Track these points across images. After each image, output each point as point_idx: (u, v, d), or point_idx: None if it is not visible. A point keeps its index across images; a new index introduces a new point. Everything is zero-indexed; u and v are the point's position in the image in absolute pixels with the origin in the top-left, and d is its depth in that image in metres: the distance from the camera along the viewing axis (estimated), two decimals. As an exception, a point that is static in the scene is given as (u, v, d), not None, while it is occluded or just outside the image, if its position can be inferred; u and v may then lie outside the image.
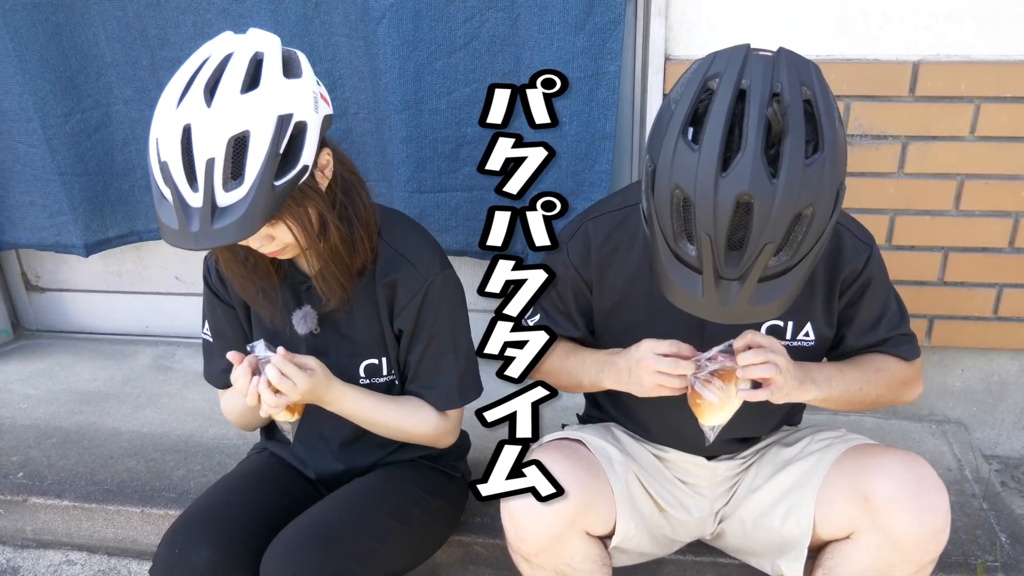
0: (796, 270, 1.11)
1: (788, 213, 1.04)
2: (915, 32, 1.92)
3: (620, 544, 1.46)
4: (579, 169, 2.13)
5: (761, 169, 1.03)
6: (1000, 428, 2.31)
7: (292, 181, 1.23)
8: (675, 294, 1.16)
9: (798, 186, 1.03)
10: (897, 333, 1.49)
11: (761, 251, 1.07)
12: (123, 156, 2.49)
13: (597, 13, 1.96)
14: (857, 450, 1.41)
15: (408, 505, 1.54)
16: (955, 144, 2.00)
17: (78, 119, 2.41)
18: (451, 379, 1.53)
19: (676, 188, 1.08)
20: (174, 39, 2.23)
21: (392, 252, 1.49)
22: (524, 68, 2.06)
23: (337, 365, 1.54)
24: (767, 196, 1.03)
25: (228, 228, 1.19)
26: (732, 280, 1.10)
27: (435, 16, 2.04)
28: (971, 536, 1.79)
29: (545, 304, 1.55)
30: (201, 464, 2.11)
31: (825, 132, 1.05)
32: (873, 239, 1.45)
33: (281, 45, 1.26)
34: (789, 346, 1.45)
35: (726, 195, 1.04)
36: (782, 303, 1.13)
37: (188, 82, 1.21)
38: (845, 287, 1.44)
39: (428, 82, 2.11)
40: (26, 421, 2.36)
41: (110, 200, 2.54)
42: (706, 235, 1.07)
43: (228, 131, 1.17)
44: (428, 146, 2.18)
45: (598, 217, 1.49)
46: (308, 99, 1.25)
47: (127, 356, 2.76)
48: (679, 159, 1.08)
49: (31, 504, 2.02)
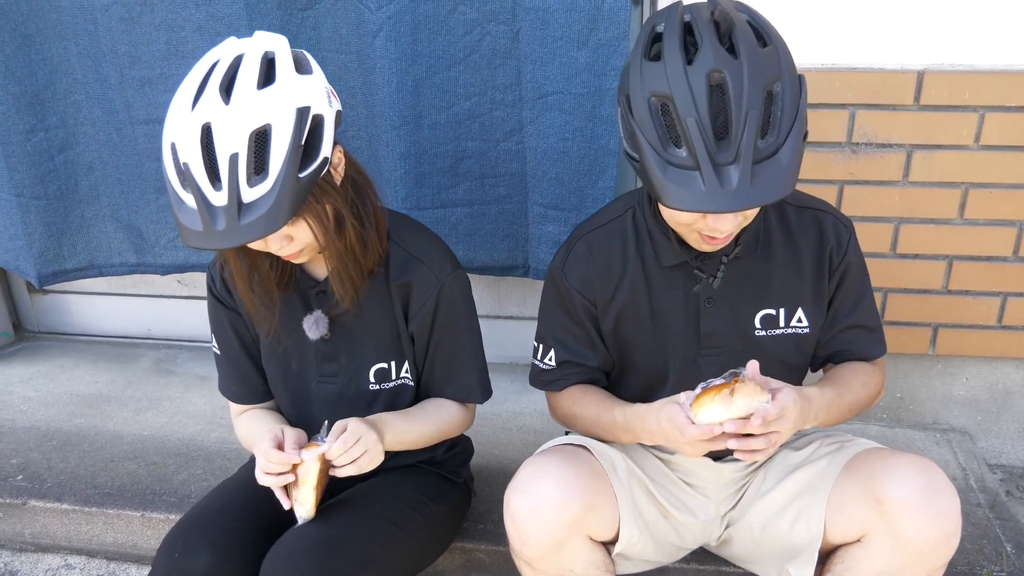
0: (785, 147, 1.14)
1: (758, 87, 1.12)
2: (920, 41, 1.93)
3: (624, 551, 1.45)
4: (582, 185, 2.10)
5: (723, 52, 1.14)
6: (1005, 437, 2.30)
7: (315, 173, 1.23)
8: (677, 198, 1.16)
9: (760, 62, 1.13)
10: (872, 322, 1.52)
11: (745, 127, 1.11)
12: (88, 181, 2.37)
13: (600, 28, 1.92)
14: (868, 454, 1.40)
15: (409, 510, 1.54)
16: (960, 153, 2.00)
17: (41, 138, 2.28)
18: (471, 375, 1.59)
19: (652, 96, 1.16)
20: (145, 57, 2.14)
21: (405, 254, 1.50)
22: (525, 82, 2.03)
23: (347, 371, 1.54)
24: (735, 70, 1.12)
25: (256, 223, 1.19)
26: (728, 165, 1.13)
27: (434, 29, 2.01)
28: (976, 546, 1.78)
29: (561, 337, 1.53)
30: (202, 468, 2.10)
31: (768, 30, 1.18)
32: (852, 225, 1.48)
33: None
34: (784, 334, 1.47)
35: (697, 78, 1.12)
36: (783, 181, 1.15)
37: (201, 84, 1.21)
38: (833, 268, 1.46)
39: (427, 96, 2.07)
40: (26, 423, 2.35)
41: (70, 228, 2.41)
42: (691, 120, 1.12)
43: (249, 125, 1.17)
44: (427, 161, 2.15)
45: (588, 234, 1.50)
46: (322, 93, 1.26)
47: (129, 359, 2.75)
48: (647, 73, 1.17)
49: (30, 507, 2.01)
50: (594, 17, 1.91)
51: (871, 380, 1.50)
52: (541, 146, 2.07)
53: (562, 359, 1.53)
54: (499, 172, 2.18)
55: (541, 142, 2.07)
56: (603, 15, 1.91)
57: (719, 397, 1.23)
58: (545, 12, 1.93)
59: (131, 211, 2.39)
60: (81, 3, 2.13)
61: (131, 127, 2.25)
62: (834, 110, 1.99)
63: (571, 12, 1.91)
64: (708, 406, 1.24)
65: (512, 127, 2.11)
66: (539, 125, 2.05)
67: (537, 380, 1.60)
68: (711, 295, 1.44)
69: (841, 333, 1.51)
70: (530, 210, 2.18)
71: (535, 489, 1.32)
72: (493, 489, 1.95)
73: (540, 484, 1.33)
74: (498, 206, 2.22)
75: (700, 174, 1.13)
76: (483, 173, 2.18)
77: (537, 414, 2.34)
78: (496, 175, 2.18)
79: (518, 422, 2.30)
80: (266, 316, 1.49)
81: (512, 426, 2.28)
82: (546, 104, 2.03)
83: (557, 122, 2.03)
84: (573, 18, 1.92)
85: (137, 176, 2.32)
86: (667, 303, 1.46)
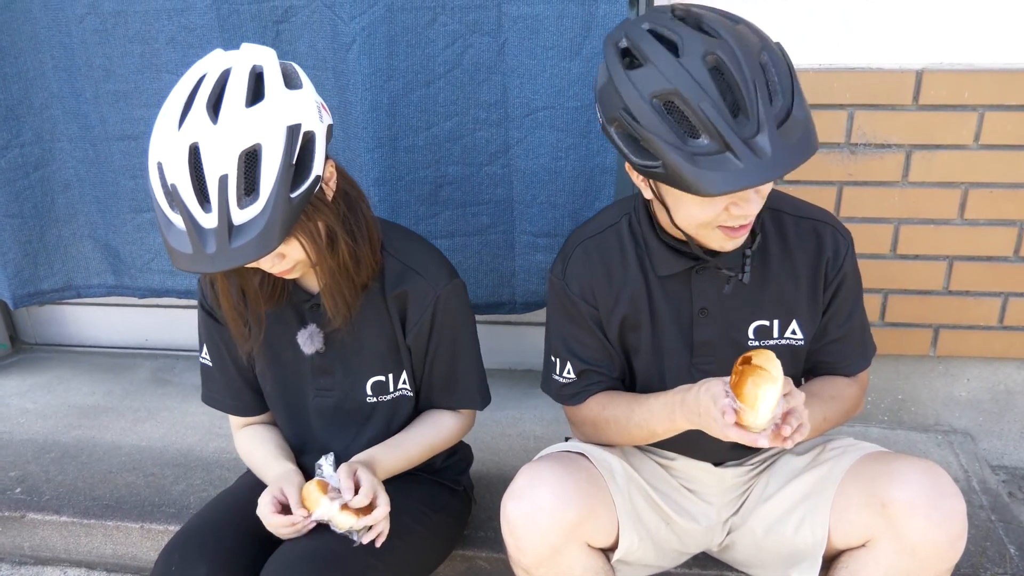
0: (796, 105, 1.15)
1: (752, 58, 1.14)
2: (918, 40, 1.92)
3: (624, 557, 1.44)
4: (578, 207, 1.98)
5: (706, 37, 1.15)
6: (1007, 438, 2.29)
7: (307, 192, 1.21)
8: (717, 183, 1.14)
9: (741, 37, 1.15)
10: (858, 337, 1.52)
11: (757, 96, 1.12)
12: (64, 200, 2.30)
13: (595, 36, 1.81)
14: (872, 457, 1.39)
15: (408, 520, 1.52)
16: (959, 153, 1.99)
17: (16, 154, 2.20)
18: (470, 383, 1.59)
19: (653, 97, 1.15)
20: (120, 70, 2.07)
21: (400, 265, 1.48)
22: (512, 98, 1.90)
23: (343, 385, 1.53)
24: (726, 49, 1.13)
25: (247, 246, 1.16)
26: (754, 137, 1.12)
27: (411, 41, 1.87)
28: (980, 548, 1.77)
29: (574, 348, 1.50)
30: (201, 478, 2.09)
31: (732, 15, 1.21)
32: (851, 237, 1.47)
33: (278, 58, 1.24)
34: (777, 345, 1.45)
35: (694, 65, 1.13)
36: (809, 135, 1.16)
37: (187, 101, 1.18)
38: (828, 280, 1.44)
39: (403, 116, 1.93)
40: (24, 435, 2.34)
41: (46, 248, 2.34)
42: (706, 104, 1.12)
43: (238, 146, 1.14)
44: (403, 188, 2.00)
45: (585, 241, 1.48)
46: (312, 109, 1.23)
47: (126, 369, 2.74)
48: (638, 80, 1.17)
49: (29, 520, 2.00)
50: (588, 24, 1.81)
51: (846, 393, 1.50)
52: (530, 168, 1.96)
53: (580, 369, 1.50)
54: (482, 199, 2.03)
55: (530, 163, 1.96)
56: (597, 21, 1.81)
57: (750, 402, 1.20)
58: (534, 21, 1.83)
59: (108, 230, 2.32)
60: (56, 15, 2.07)
61: (107, 143, 2.18)
62: (832, 111, 1.98)
63: (562, 19, 1.81)
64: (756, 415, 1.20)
65: (497, 148, 1.97)
66: (528, 145, 1.94)
67: (559, 395, 1.56)
68: (705, 304, 1.43)
69: (826, 346, 1.50)
70: (517, 240, 2.06)
71: (531, 496, 1.31)
72: (493, 496, 1.94)
73: (536, 491, 1.31)
74: (481, 237, 2.08)
75: (732, 153, 1.12)
76: (465, 201, 2.04)
77: (537, 420, 2.32)
78: (479, 202, 2.04)
79: (518, 428, 2.29)
80: (249, 334, 1.47)
81: (512, 432, 2.27)
82: (535, 121, 1.92)
83: (548, 140, 1.92)
84: (565, 26, 1.82)
85: (113, 195, 2.25)
86: (663, 312, 1.45)
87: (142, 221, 2.27)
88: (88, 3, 2.03)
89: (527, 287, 2.12)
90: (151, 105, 2.10)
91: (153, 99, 2.10)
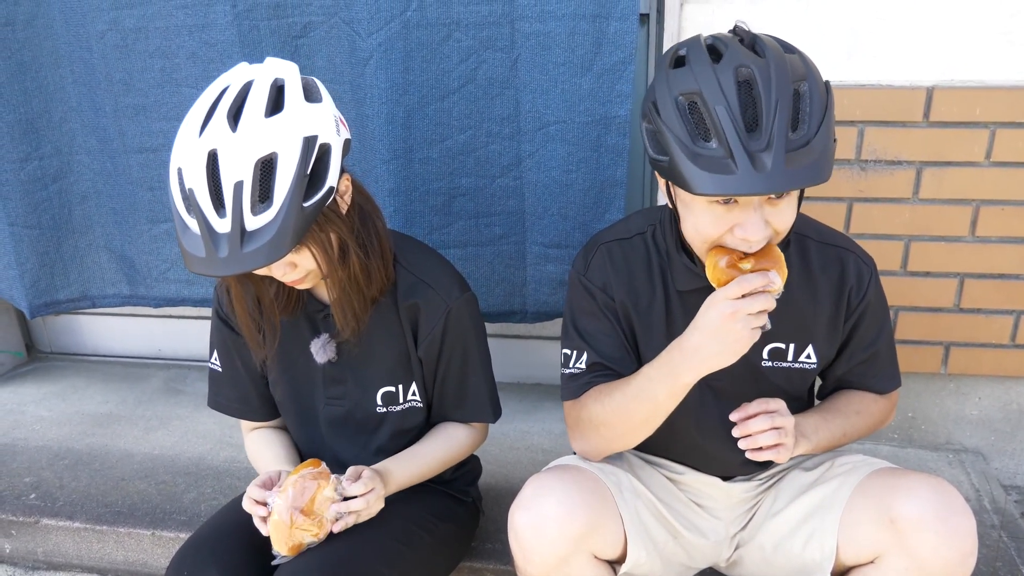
0: (817, 138, 1.15)
1: (786, 83, 1.15)
2: (929, 57, 1.93)
3: (630, 571, 1.44)
4: (588, 220, 2.01)
5: (749, 52, 1.18)
6: (1019, 457, 2.27)
7: (320, 202, 1.23)
8: (708, 183, 1.15)
9: (785, 63, 1.17)
10: (886, 359, 1.53)
11: (776, 118, 1.12)
12: (82, 211, 2.34)
13: (605, 53, 1.85)
14: (881, 473, 1.39)
15: (417, 530, 1.53)
16: (970, 170, 1.99)
17: (35, 166, 2.24)
18: (481, 396, 1.59)
19: (679, 95, 1.18)
20: (140, 85, 2.11)
21: (412, 278, 1.50)
22: (524, 113, 1.94)
23: (354, 394, 1.54)
24: (762, 67, 1.15)
25: (258, 251, 1.19)
26: (760, 152, 1.13)
27: (427, 56, 1.91)
28: (991, 568, 1.75)
29: (591, 336, 1.48)
30: (212, 487, 2.11)
31: (791, 45, 1.23)
32: (875, 264, 1.48)
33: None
34: (790, 368, 1.46)
35: (725, 74, 1.16)
36: (818, 166, 1.15)
37: (210, 110, 1.22)
38: (851, 309, 1.45)
39: (419, 129, 1.97)
40: (39, 442, 2.36)
41: (63, 258, 2.38)
42: (721, 108, 1.14)
43: (255, 154, 1.18)
44: (418, 199, 2.04)
45: (609, 243, 1.48)
46: (330, 122, 1.26)
47: (139, 379, 2.77)
48: (674, 78, 1.20)
49: (43, 526, 2.02)
50: (598, 41, 1.85)
51: (872, 408, 1.51)
52: (542, 180, 2.00)
53: (592, 361, 1.47)
54: (495, 210, 2.07)
55: (542, 176, 1.99)
56: (608, 39, 1.84)
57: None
58: (546, 37, 1.86)
59: (124, 241, 2.36)
60: (77, 31, 2.10)
61: (125, 156, 2.22)
62: (843, 127, 1.98)
63: (574, 36, 1.85)
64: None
65: (509, 161, 2.01)
66: (539, 158, 1.98)
67: (565, 389, 1.52)
68: None
69: (855, 368, 1.52)
70: (528, 250, 2.09)
71: (538, 506, 1.32)
72: (501, 508, 1.93)
73: (543, 501, 1.32)
74: (494, 247, 2.11)
75: (732, 160, 1.13)
76: (478, 212, 2.07)
77: (545, 433, 2.33)
78: (491, 214, 2.07)
79: (526, 441, 2.29)
80: (264, 342, 1.49)
81: (520, 445, 2.27)
82: (547, 135, 1.95)
83: (559, 154, 1.96)
84: (576, 42, 1.85)
85: (131, 206, 2.29)
86: (679, 326, 1.44)
87: (158, 232, 2.30)
88: (109, 20, 2.06)
89: (538, 297, 2.14)
90: (170, 118, 2.14)
91: (172, 112, 2.14)
